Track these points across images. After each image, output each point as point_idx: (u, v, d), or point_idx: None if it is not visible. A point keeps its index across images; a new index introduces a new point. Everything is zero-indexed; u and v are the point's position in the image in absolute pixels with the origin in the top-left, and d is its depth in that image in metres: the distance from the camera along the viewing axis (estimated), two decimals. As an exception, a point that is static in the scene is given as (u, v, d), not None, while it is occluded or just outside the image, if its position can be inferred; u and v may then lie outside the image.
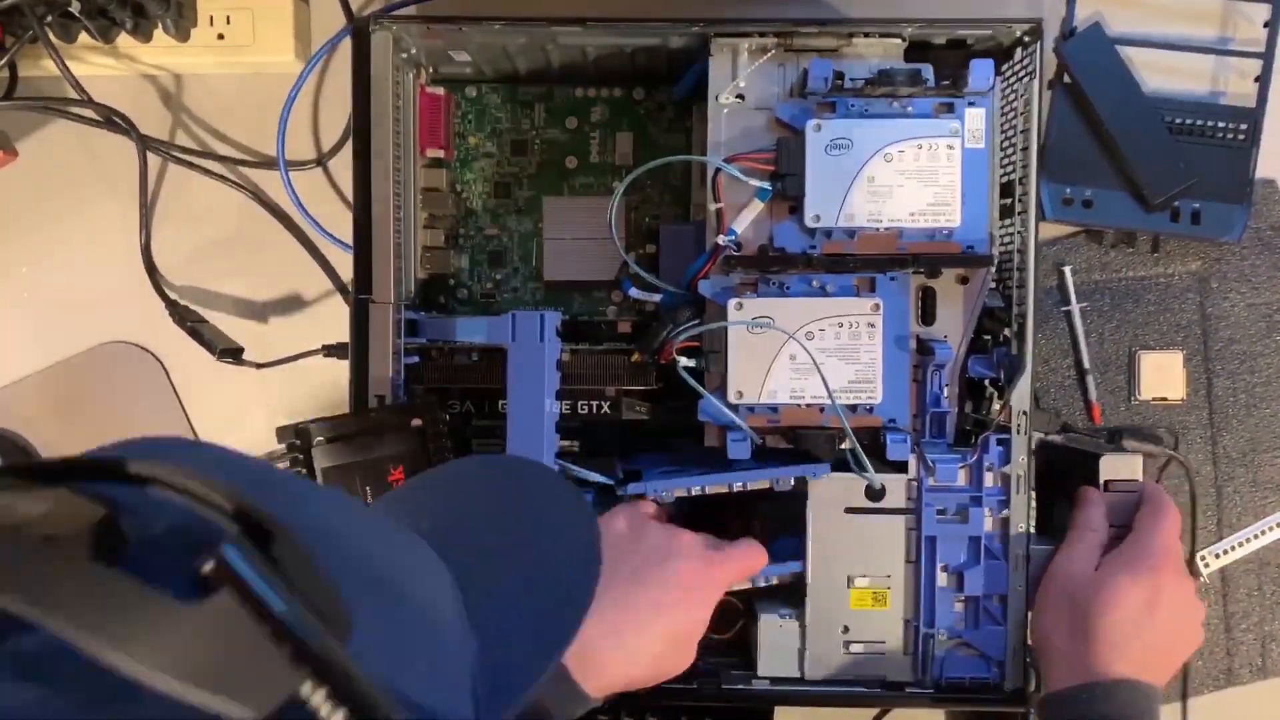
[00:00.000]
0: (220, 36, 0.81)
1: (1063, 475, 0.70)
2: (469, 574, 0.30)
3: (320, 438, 0.66)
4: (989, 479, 0.67)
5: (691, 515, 0.69)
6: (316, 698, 0.22)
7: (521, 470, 0.44)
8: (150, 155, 0.81)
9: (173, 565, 0.23)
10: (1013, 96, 0.68)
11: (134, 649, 0.21)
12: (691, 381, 0.66)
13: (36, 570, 0.22)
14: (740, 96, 0.68)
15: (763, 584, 0.68)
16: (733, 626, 0.76)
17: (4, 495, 0.23)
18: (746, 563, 0.64)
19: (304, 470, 0.66)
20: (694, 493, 0.67)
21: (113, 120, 0.80)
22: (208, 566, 0.22)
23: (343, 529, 0.28)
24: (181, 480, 0.25)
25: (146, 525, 0.24)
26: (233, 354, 0.77)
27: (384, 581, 0.27)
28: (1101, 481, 0.67)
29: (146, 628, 0.21)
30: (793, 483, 0.66)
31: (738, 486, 0.66)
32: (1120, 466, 0.67)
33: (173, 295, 0.79)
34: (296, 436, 0.66)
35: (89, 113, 0.81)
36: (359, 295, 0.68)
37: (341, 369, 0.69)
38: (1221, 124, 0.78)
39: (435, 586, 0.29)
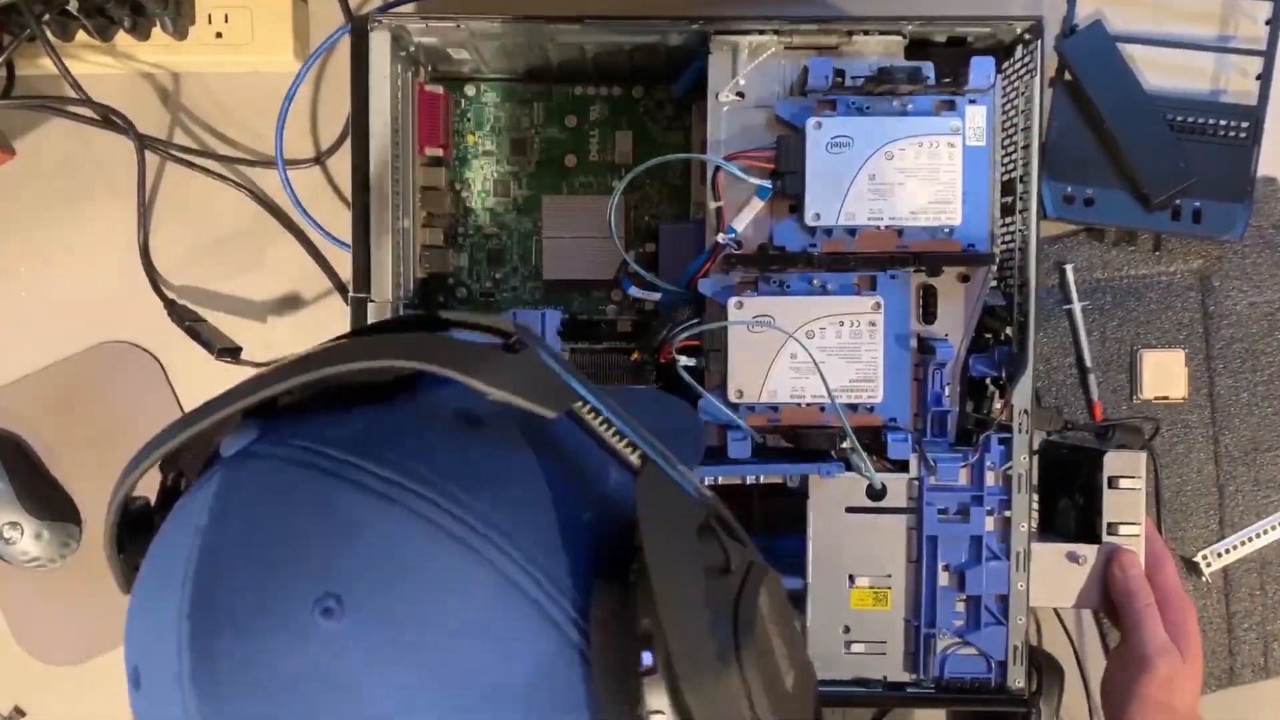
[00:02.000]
0: (219, 35, 0.80)
1: (1065, 473, 0.70)
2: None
3: (319, 437, 0.66)
4: (990, 478, 0.66)
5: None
6: (585, 410, 0.39)
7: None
8: (149, 154, 0.81)
9: (488, 343, 0.40)
10: (1013, 94, 0.68)
11: (485, 375, 0.37)
12: (691, 381, 0.66)
13: (429, 349, 0.39)
14: (740, 94, 0.68)
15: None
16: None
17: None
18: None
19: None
20: (706, 483, 0.66)
21: (111, 119, 0.80)
22: (514, 339, 0.40)
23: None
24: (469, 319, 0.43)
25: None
26: (231, 353, 0.77)
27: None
28: (1105, 478, 0.67)
29: (491, 364, 0.38)
30: (799, 479, 0.67)
31: (750, 480, 0.67)
32: (1124, 464, 0.67)
33: (171, 295, 0.79)
34: (295, 436, 0.66)
35: (87, 111, 0.81)
36: (358, 295, 0.68)
37: (340, 368, 0.68)
38: (1223, 122, 0.78)
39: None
